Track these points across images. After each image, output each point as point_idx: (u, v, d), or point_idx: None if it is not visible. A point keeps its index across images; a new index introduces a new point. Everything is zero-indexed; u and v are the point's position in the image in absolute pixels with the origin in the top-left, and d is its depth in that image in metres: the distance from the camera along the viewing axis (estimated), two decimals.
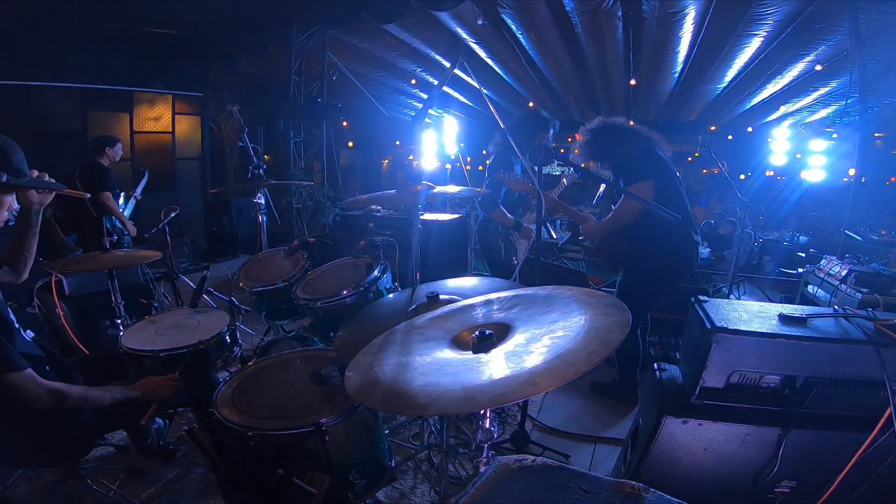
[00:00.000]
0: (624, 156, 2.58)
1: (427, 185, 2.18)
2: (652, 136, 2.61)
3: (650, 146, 2.58)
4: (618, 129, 2.66)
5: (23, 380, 1.43)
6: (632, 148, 2.56)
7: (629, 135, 2.63)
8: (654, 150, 2.58)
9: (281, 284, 2.56)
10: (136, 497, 2.02)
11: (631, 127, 2.70)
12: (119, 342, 2.03)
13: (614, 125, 2.67)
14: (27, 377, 1.44)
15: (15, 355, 1.44)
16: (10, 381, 1.41)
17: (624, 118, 2.78)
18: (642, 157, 2.54)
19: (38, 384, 1.46)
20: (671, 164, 2.62)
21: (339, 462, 1.47)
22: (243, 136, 4.25)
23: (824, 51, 5.26)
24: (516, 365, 1.03)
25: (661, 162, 2.56)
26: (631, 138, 2.61)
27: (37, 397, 1.45)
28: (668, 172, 2.55)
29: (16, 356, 1.44)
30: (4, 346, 1.42)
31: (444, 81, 7.41)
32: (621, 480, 0.79)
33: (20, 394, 1.43)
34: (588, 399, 2.94)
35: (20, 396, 1.43)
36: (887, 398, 1.34)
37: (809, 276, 4.17)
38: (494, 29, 5.69)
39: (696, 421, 1.53)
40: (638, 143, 2.58)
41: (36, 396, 1.45)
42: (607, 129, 2.66)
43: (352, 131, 10.60)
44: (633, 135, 2.63)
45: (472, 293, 1.69)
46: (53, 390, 1.49)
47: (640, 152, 2.55)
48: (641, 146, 2.57)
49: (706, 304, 1.60)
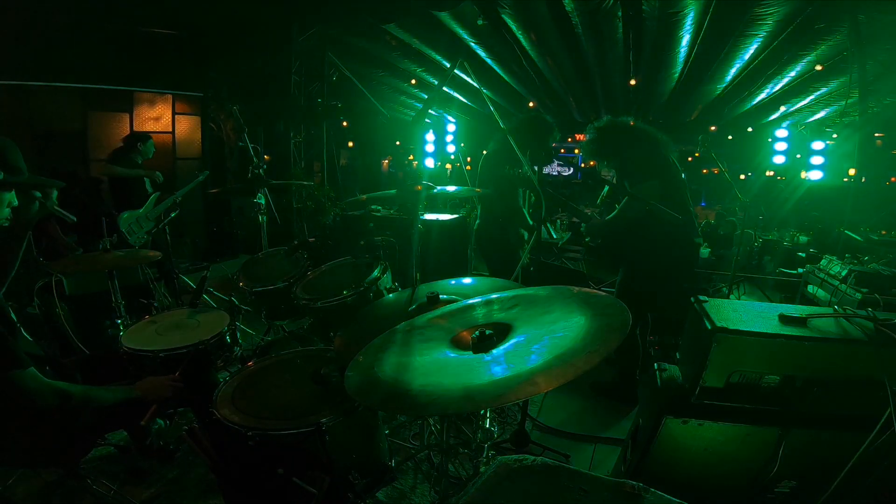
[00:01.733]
0: (630, 156, 2.58)
1: (427, 184, 2.18)
2: (659, 137, 2.62)
3: (656, 147, 2.58)
4: (626, 129, 2.66)
5: (27, 378, 1.43)
6: (638, 148, 2.57)
7: (637, 135, 2.63)
8: (659, 152, 2.58)
9: (281, 284, 2.56)
10: (136, 497, 2.02)
11: (639, 127, 2.70)
12: (119, 342, 2.03)
13: (622, 125, 2.67)
14: (31, 375, 1.44)
15: (20, 353, 1.44)
16: (14, 380, 1.41)
17: (632, 118, 2.77)
18: (648, 157, 2.54)
19: (42, 383, 1.46)
20: (677, 165, 2.62)
21: (339, 462, 1.47)
22: (243, 136, 4.26)
23: (824, 51, 5.26)
24: (516, 365, 1.03)
25: (667, 163, 2.56)
26: (638, 138, 2.61)
27: (41, 396, 1.45)
28: (673, 174, 2.55)
29: (21, 354, 1.44)
30: (9, 343, 1.42)
31: (444, 81, 7.41)
32: (621, 480, 0.79)
33: (24, 392, 1.43)
34: (588, 399, 2.94)
35: (24, 395, 1.43)
36: (887, 398, 1.34)
37: (809, 276, 4.17)
38: (494, 29, 5.69)
39: (696, 421, 1.53)
40: (644, 144, 2.58)
41: (40, 395, 1.45)
42: (615, 128, 2.67)
43: (352, 131, 10.61)
44: (640, 135, 2.63)
45: (472, 293, 1.69)
46: (57, 389, 1.49)
47: (645, 153, 2.56)
48: (648, 147, 2.58)
49: (706, 304, 1.60)
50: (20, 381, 1.42)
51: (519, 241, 3.32)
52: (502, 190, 3.21)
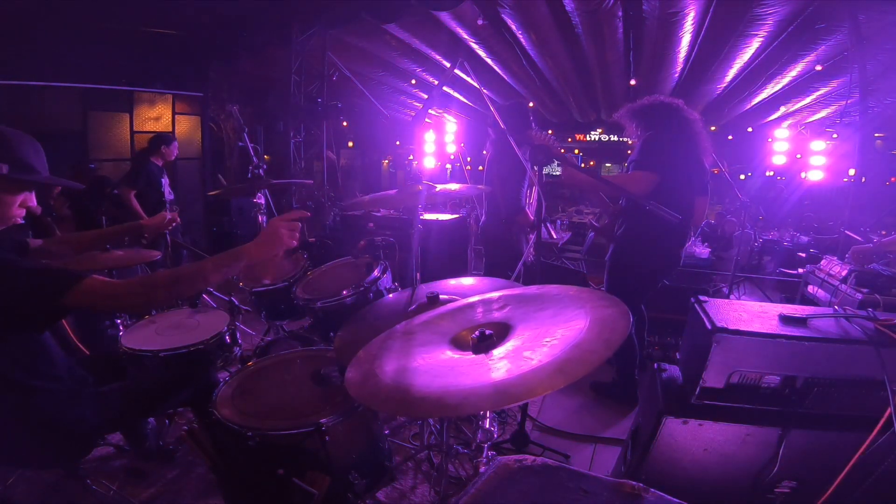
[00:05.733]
0: (653, 137, 2.55)
1: (427, 184, 2.18)
2: (700, 137, 2.56)
3: (680, 143, 2.53)
4: (669, 113, 2.59)
5: (96, 282, 1.26)
6: (665, 135, 2.52)
7: (675, 122, 2.56)
8: (681, 149, 2.53)
9: (281, 284, 2.56)
10: (136, 497, 2.01)
11: (684, 117, 2.60)
12: (119, 342, 2.03)
13: (671, 107, 2.61)
14: (98, 279, 1.27)
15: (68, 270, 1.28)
16: (86, 288, 1.23)
17: (683, 103, 2.66)
18: (665, 148, 2.50)
19: (113, 281, 1.30)
20: (696, 165, 2.58)
21: (339, 462, 1.47)
22: (243, 136, 4.25)
23: (824, 51, 5.26)
24: (517, 366, 1.03)
25: (679, 160, 2.51)
26: (673, 127, 2.54)
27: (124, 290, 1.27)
28: (680, 174, 2.50)
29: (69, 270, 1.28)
30: (52, 267, 1.28)
31: (444, 81, 7.41)
32: (621, 480, 0.79)
33: (102, 296, 1.25)
34: (588, 399, 2.94)
35: (105, 297, 1.25)
36: (887, 398, 1.34)
37: (809, 277, 4.16)
38: (494, 29, 5.69)
39: (696, 421, 1.53)
40: (673, 134, 2.52)
41: (122, 289, 1.27)
42: (662, 107, 2.61)
43: (352, 131, 10.61)
44: (677, 124, 2.56)
45: (473, 293, 1.69)
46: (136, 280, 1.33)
47: (666, 143, 2.51)
48: (674, 137, 2.53)
49: (706, 304, 1.60)
50: (91, 287, 1.24)
51: (522, 240, 3.32)
52: (506, 188, 3.21)
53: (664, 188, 2.41)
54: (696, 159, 2.60)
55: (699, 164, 2.62)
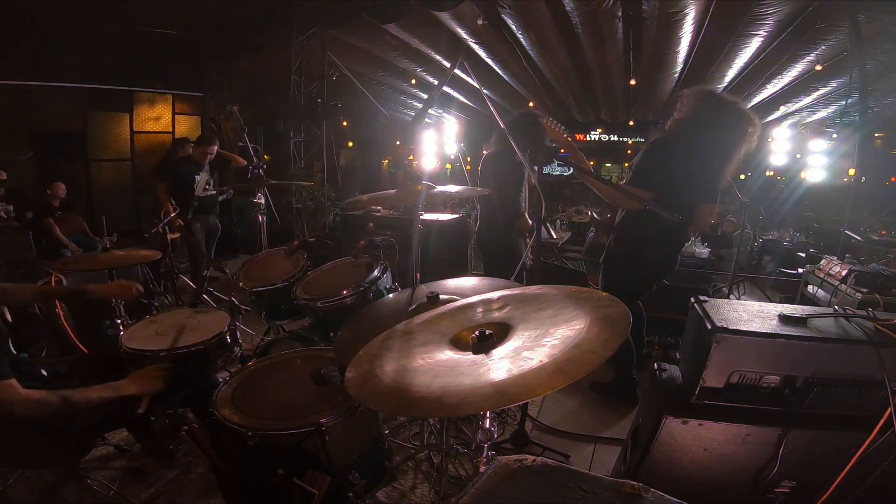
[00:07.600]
0: (660, 142, 2.48)
1: (427, 184, 2.18)
2: (734, 148, 2.40)
3: (689, 152, 2.39)
4: (721, 109, 2.40)
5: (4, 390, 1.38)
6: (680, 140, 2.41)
7: (724, 121, 2.38)
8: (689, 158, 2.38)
9: (281, 284, 2.56)
10: (136, 497, 2.02)
11: (732, 120, 2.40)
12: (119, 342, 2.03)
13: (725, 105, 2.42)
14: (7, 387, 1.39)
15: (4, 364, 1.40)
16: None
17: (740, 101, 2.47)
18: (670, 156, 2.42)
19: (18, 394, 1.41)
20: (704, 174, 2.44)
21: (339, 462, 1.47)
22: (243, 136, 4.25)
23: (824, 51, 5.26)
24: (517, 366, 1.03)
25: (681, 168, 2.40)
26: (719, 128, 2.37)
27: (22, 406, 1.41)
28: (682, 180, 2.40)
29: (4, 365, 1.40)
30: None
31: (444, 81, 7.41)
32: (621, 480, 0.79)
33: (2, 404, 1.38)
34: (588, 399, 2.94)
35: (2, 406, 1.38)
36: (887, 398, 1.34)
37: (809, 276, 4.16)
38: (494, 29, 5.69)
39: (696, 421, 1.53)
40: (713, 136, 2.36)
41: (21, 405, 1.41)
42: (714, 100, 2.45)
43: (352, 131, 10.61)
44: (725, 124, 2.38)
45: (473, 293, 1.69)
46: (32, 400, 1.44)
47: (672, 150, 2.42)
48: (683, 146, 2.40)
49: (706, 304, 1.60)
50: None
51: (520, 241, 3.32)
52: (504, 190, 3.21)
53: (662, 191, 2.38)
54: (705, 167, 2.45)
55: (709, 172, 2.47)
